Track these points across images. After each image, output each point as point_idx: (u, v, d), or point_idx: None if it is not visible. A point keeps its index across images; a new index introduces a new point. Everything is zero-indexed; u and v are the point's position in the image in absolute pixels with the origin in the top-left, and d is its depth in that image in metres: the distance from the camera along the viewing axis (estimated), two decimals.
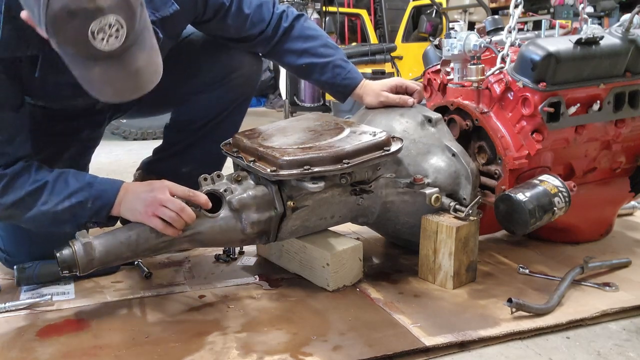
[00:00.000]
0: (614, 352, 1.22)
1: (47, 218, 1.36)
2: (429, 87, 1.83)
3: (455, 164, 1.55)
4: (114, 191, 1.39)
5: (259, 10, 1.65)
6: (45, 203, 1.35)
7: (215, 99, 1.75)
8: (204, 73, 1.74)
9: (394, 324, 1.32)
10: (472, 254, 1.51)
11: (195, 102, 1.76)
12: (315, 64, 1.69)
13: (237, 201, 1.42)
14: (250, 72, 1.78)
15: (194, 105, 1.77)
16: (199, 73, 1.74)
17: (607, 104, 1.58)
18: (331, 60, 1.69)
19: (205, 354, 1.20)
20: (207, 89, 1.74)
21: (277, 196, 1.43)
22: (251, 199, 1.43)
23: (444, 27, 5.53)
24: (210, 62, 1.73)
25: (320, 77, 1.71)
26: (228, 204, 1.43)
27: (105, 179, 1.43)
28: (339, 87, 1.71)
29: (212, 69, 1.73)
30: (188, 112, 1.80)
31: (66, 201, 1.36)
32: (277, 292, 1.50)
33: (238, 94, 1.78)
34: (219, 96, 1.75)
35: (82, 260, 1.31)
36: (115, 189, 1.39)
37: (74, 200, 1.36)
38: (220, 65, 1.73)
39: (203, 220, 1.40)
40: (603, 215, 1.80)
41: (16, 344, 1.25)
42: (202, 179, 1.45)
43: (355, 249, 1.53)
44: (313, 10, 4.80)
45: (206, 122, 1.78)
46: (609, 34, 1.57)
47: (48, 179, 1.37)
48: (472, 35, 1.59)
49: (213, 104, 1.76)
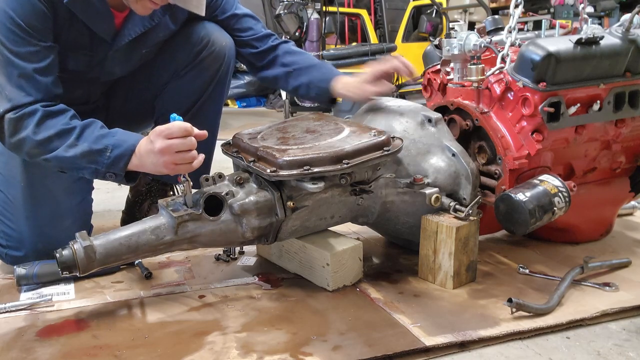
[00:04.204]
0: (614, 352, 1.22)
1: (69, 161, 1.43)
2: (429, 87, 1.83)
3: (455, 164, 1.55)
4: (134, 142, 1.44)
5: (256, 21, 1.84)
6: (70, 146, 1.42)
7: (188, 84, 1.75)
8: (175, 57, 1.75)
9: (394, 323, 1.32)
10: (472, 254, 1.51)
11: (169, 92, 1.77)
12: (297, 69, 1.77)
13: (239, 206, 1.42)
14: (220, 49, 1.76)
15: (168, 96, 1.78)
16: (170, 59, 1.75)
17: (607, 104, 1.58)
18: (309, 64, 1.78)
19: (205, 354, 1.20)
20: (178, 74, 1.75)
21: (279, 202, 1.43)
22: (253, 205, 1.43)
23: (444, 27, 5.53)
24: (179, 44, 1.74)
25: (298, 81, 1.77)
26: (229, 208, 1.43)
27: (127, 132, 1.49)
28: (316, 86, 1.76)
29: (181, 50, 1.74)
30: (164, 104, 1.79)
31: (88, 146, 1.42)
32: (277, 292, 1.50)
33: (210, 76, 1.76)
34: (190, 80, 1.75)
35: (82, 261, 1.31)
36: (135, 140, 1.44)
37: (94, 146, 1.42)
38: (188, 47, 1.73)
39: (204, 223, 1.41)
40: (603, 215, 1.80)
41: (16, 344, 1.25)
42: (204, 180, 1.45)
43: (355, 249, 1.53)
44: (313, 10, 4.80)
45: (184, 112, 1.74)
46: (609, 34, 1.57)
47: (78, 124, 1.45)
48: (472, 35, 1.59)
49: (186, 90, 1.76)
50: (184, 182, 1.40)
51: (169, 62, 1.75)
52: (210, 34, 1.74)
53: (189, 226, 1.40)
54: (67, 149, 1.42)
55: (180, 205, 1.42)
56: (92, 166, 1.44)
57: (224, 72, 1.78)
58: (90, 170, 1.45)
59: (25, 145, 1.43)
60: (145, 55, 1.72)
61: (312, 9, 4.79)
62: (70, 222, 1.60)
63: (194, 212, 1.39)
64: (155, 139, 1.38)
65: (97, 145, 1.42)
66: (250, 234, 1.45)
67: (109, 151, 1.42)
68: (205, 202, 1.41)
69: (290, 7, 4.66)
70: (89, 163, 1.43)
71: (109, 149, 1.42)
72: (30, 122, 1.41)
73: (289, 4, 4.67)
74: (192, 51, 1.73)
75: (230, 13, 1.80)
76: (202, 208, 1.40)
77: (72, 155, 1.42)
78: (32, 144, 1.42)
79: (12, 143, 1.45)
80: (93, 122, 1.47)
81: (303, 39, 4.81)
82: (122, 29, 1.58)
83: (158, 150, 1.37)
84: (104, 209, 2.21)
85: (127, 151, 1.43)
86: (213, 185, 1.46)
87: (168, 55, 1.75)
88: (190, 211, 1.39)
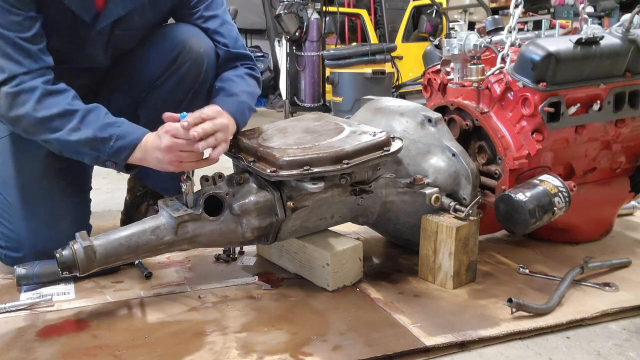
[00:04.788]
0: (614, 352, 1.22)
1: (70, 145, 1.42)
2: (429, 87, 1.83)
3: (455, 164, 1.55)
4: (139, 135, 1.43)
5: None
6: (73, 130, 1.41)
7: (168, 94, 1.68)
8: (149, 62, 1.69)
9: (394, 323, 1.32)
10: (472, 253, 1.51)
11: (150, 102, 1.71)
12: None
13: (239, 206, 1.42)
14: (197, 56, 1.66)
15: (150, 106, 1.72)
16: (144, 64, 1.70)
17: (607, 104, 1.58)
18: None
19: (205, 354, 1.20)
20: (155, 83, 1.69)
21: (279, 203, 1.43)
22: (253, 205, 1.43)
23: (444, 27, 5.54)
24: (154, 49, 1.69)
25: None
26: (229, 208, 1.43)
27: (133, 124, 1.47)
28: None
29: (155, 56, 1.69)
30: (148, 114, 1.72)
31: (92, 133, 1.41)
32: (277, 292, 1.50)
33: (189, 84, 1.69)
34: (170, 90, 1.68)
35: (82, 261, 1.31)
36: (140, 133, 1.43)
37: (99, 134, 1.41)
38: (163, 53, 1.68)
39: (204, 223, 1.40)
40: (603, 215, 1.80)
41: (16, 344, 1.25)
42: (204, 180, 1.45)
43: (355, 249, 1.53)
44: (313, 10, 4.80)
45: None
46: (609, 34, 1.57)
47: (81, 107, 1.43)
48: (472, 35, 1.59)
49: (167, 99, 1.68)
50: (187, 181, 1.40)
51: (144, 67, 1.70)
52: (187, 39, 1.66)
53: (188, 226, 1.39)
54: (70, 132, 1.41)
55: (180, 205, 1.42)
56: (94, 153, 1.43)
57: (204, 79, 1.70)
58: (92, 156, 1.45)
59: (24, 120, 1.42)
60: (129, 45, 1.67)
61: (312, 9, 4.80)
62: (68, 222, 1.59)
63: (194, 213, 1.39)
64: (163, 135, 1.38)
65: (102, 133, 1.41)
66: (251, 234, 1.45)
67: (113, 140, 1.42)
68: (205, 202, 1.41)
69: (290, 7, 4.66)
70: (92, 150, 1.43)
71: (113, 138, 1.42)
72: (30, 98, 1.40)
73: (289, 4, 4.67)
74: (167, 58, 1.66)
75: (215, 13, 1.71)
76: (202, 208, 1.40)
77: (76, 140, 1.41)
78: (32, 120, 1.41)
79: (11, 117, 1.43)
80: (97, 107, 1.46)
81: (303, 39, 4.82)
82: (104, 10, 1.54)
83: (164, 147, 1.37)
84: (103, 209, 2.21)
85: (131, 143, 1.42)
86: (213, 186, 1.46)
87: (143, 61, 1.70)
88: (190, 211, 1.39)
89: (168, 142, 1.37)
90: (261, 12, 6.16)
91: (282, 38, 5.00)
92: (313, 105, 4.96)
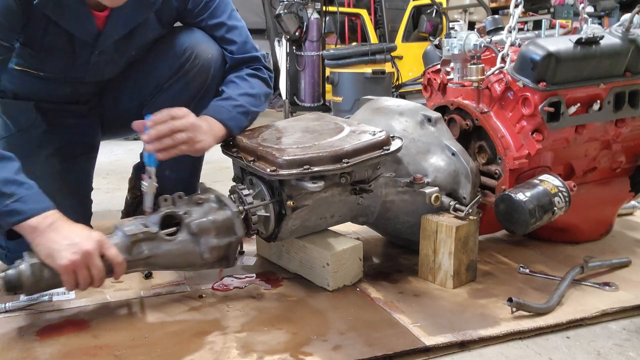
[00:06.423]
0: (614, 351, 1.22)
1: None
2: (429, 86, 1.83)
3: (455, 163, 1.55)
4: (39, 208, 1.27)
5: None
6: None
7: (173, 98, 1.66)
8: (157, 67, 1.69)
9: (394, 323, 1.32)
10: (472, 253, 1.51)
11: (156, 105, 1.66)
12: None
13: (196, 225, 1.38)
14: (205, 62, 1.66)
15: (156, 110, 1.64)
16: (152, 68, 1.70)
17: (607, 104, 1.58)
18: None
19: (205, 353, 1.20)
20: (162, 86, 1.69)
21: (238, 222, 1.40)
22: (211, 223, 1.39)
23: (444, 27, 5.53)
24: (162, 54, 1.68)
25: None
26: (187, 227, 1.38)
27: (41, 193, 1.30)
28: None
29: (164, 60, 1.68)
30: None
31: None
32: (277, 292, 1.50)
33: (196, 89, 1.69)
34: (176, 95, 1.67)
35: (28, 280, 1.25)
36: (42, 207, 1.27)
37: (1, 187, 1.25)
38: (170, 59, 1.67)
39: (160, 243, 1.36)
40: (603, 215, 1.80)
41: (16, 344, 1.25)
42: (163, 200, 1.42)
43: (355, 248, 1.53)
44: (313, 10, 4.80)
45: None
46: (609, 33, 1.57)
47: None
48: (472, 35, 1.59)
49: (173, 104, 1.61)
50: (149, 182, 1.38)
51: (152, 70, 1.69)
52: (195, 46, 1.65)
53: (143, 246, 1.34)
54: None
55: (138, 225, 1.36)
56: None
57: (210, 85, 1.70)
58: None
59: None
60: (135, 57, 1.68)
61: (312, 9, 4.79)
62: None
63: (149, 231, 1.34)
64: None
65: (4, 188, 1.25)
66: (209, 254, 1.39)
67: (12, 200, 1.25)
68: (164, 221, 1.38)
69: (290, 7, 4.66)
70: None
71: (14, 197, 1.25)
72: None
73: (289, 4, 4.67)
74: (175, 63, 1.66)
75: (219, 20, 1.69)
76: (158, 226, 1.36)
77: None
78: None
79: None
80: (12, 158, 1.31)
81: (303, 38, 4.82)
82: (105, 29, 1.52)
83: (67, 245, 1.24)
84: (104, 209, 2.21)
85: (28, 212, 1.25)
86: (172, 205, 1.42)
87: (151, 64, 1.69)
88: (144, 230, 1.34)
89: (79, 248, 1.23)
90: (261, 12, 6.15)
91: (282, 38, 5.00)
92: (313, 105, 4.95)
